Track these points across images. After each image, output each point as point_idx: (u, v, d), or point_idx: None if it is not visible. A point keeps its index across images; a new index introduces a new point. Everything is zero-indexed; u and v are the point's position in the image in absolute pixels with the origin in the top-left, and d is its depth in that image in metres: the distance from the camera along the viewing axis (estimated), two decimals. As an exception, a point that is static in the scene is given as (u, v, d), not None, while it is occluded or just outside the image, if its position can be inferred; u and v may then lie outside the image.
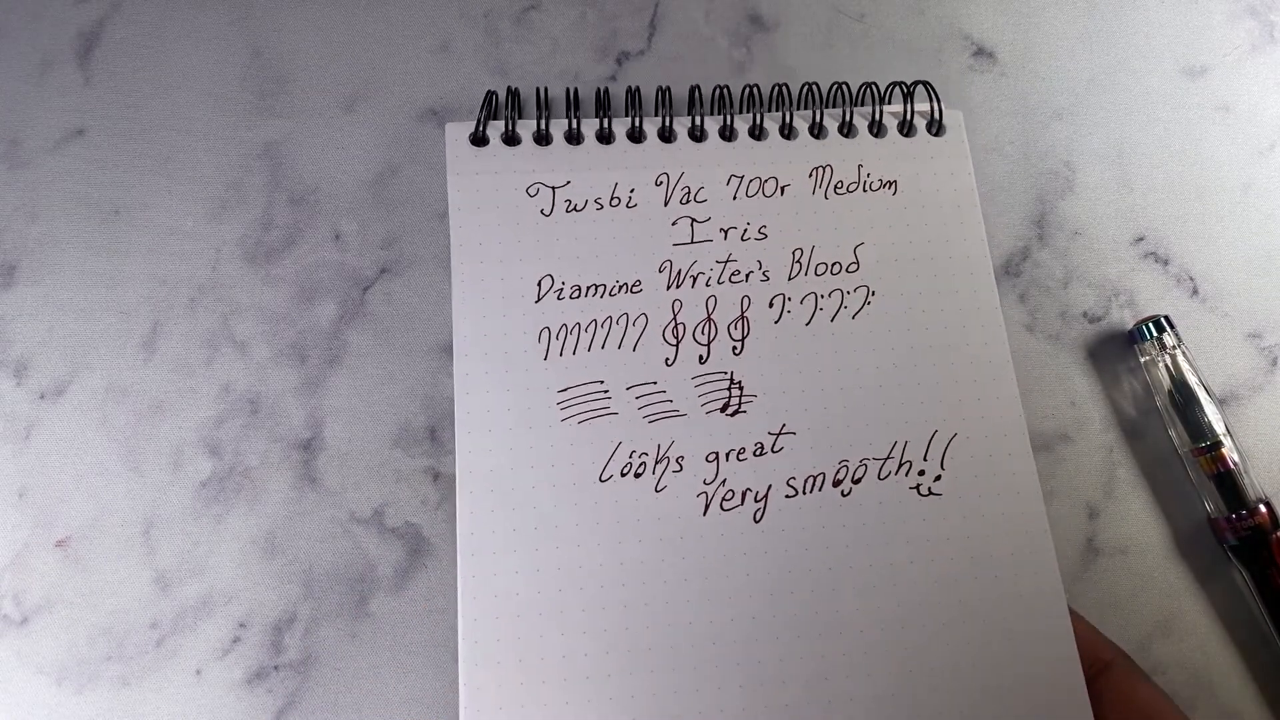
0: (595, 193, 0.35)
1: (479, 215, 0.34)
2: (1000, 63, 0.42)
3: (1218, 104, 0.42)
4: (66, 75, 0.39)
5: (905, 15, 0.42)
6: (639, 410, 0.33)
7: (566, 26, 0.40)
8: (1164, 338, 0.36)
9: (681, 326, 0.33)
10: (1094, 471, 0.36)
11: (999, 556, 0.32)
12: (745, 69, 0.40)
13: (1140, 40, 0.42)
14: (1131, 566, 0.35)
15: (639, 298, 0.34)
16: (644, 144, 0.36)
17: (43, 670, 0.32)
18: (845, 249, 0.35)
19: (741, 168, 0.36)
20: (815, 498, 0.32)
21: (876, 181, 0.36)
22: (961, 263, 0.35)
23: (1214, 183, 0.40)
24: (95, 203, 0.37)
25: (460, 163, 0.35)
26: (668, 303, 0.34)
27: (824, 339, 0.34)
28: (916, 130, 0.37)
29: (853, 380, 0.33)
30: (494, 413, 0.32)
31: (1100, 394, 0.37)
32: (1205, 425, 0.35)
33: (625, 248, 0.34)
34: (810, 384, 0.33)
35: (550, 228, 0.34)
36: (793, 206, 0.35)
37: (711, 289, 0.34)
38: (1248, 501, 0.34)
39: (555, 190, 0.34)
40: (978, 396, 0.34)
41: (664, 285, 0.34)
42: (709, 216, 0.35)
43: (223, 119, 0.38)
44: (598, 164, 0.35)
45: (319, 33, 0.40)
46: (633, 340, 0.33)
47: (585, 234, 0.34)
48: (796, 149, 0.36)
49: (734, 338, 0.34)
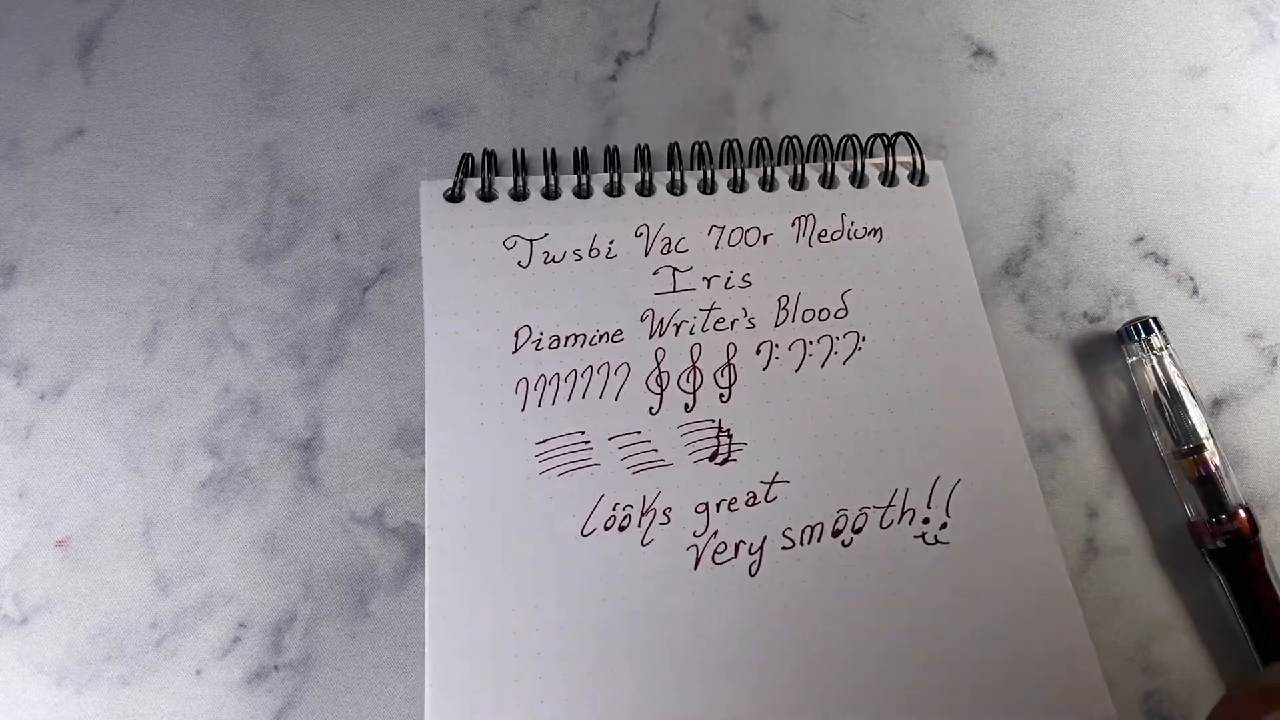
0: (574, 244, 0.34)
1: (453, 268, 0.33)
2: (1000, 63, 0.42)
3: (1218, 104, 0.42)
4: (67, 75, 0.39)
5: (905, 15, 0.42)
6: (622, 461, 0.31)
7: (566, 26, 0.40)
8: (1151, 339, 0.36)
9: (665, 375, 0.33)
10: (1094, 471, 0.36)
11: (1018, 608, 0.30)
12: (745, 69, 0.40)
13: (1140, 40, 0.42)
14: (1131, 566, 0.35)
15: (620, 346, 0.33)
16: (622, 198, 0.35)
17: (43, 670, 0.32)
18: (832, 295, 0.34)
19: (722, 218, 0.35)
20: (814, 549, 0.30)
21: (861, 229, 0.36)
22: (954, 307, 0.35)
23: (1214, 182, 0.40)
24: (95, 203, 0.37)
25: (435, 217, 0.34)
26: (650, 351, 0.33)
27: (815, 385, 0.33)
28: (899, 180, 0.37)
29: (847, 426, 0.32)
30: (468, 466, 0.31)
31: (1100, 393, 0.37)
32: (1189, 428, 0.35)
33: (605, 297, 0.33)
34: (803, 431, 0.32)
35: (528, 279, 0.33)
36: (776, 255, 0.35)
37: (696, 337, 0.33)
38: (1228, 506, 0.34)
39: (533, 242, 0.34)
40: (979, 441, 0.33)
41: (646, 334, 0.33)
42: (691, 266, 0.34)
43: (223, 119, 0.38)
44: (576, 217, 0.34)
45: (319, 33, 0.40)
46: (615, 389, 0.32)
47: (564, 284, 0.33)
48: (778, 200, 0.36)
49: (721, 385, 0.33)
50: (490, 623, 0.28)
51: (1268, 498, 0.36)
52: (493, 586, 0.29)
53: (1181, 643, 0.35)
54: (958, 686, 0.29)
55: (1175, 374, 0.36)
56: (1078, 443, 0.37)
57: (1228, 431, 0.37)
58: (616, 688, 0.28)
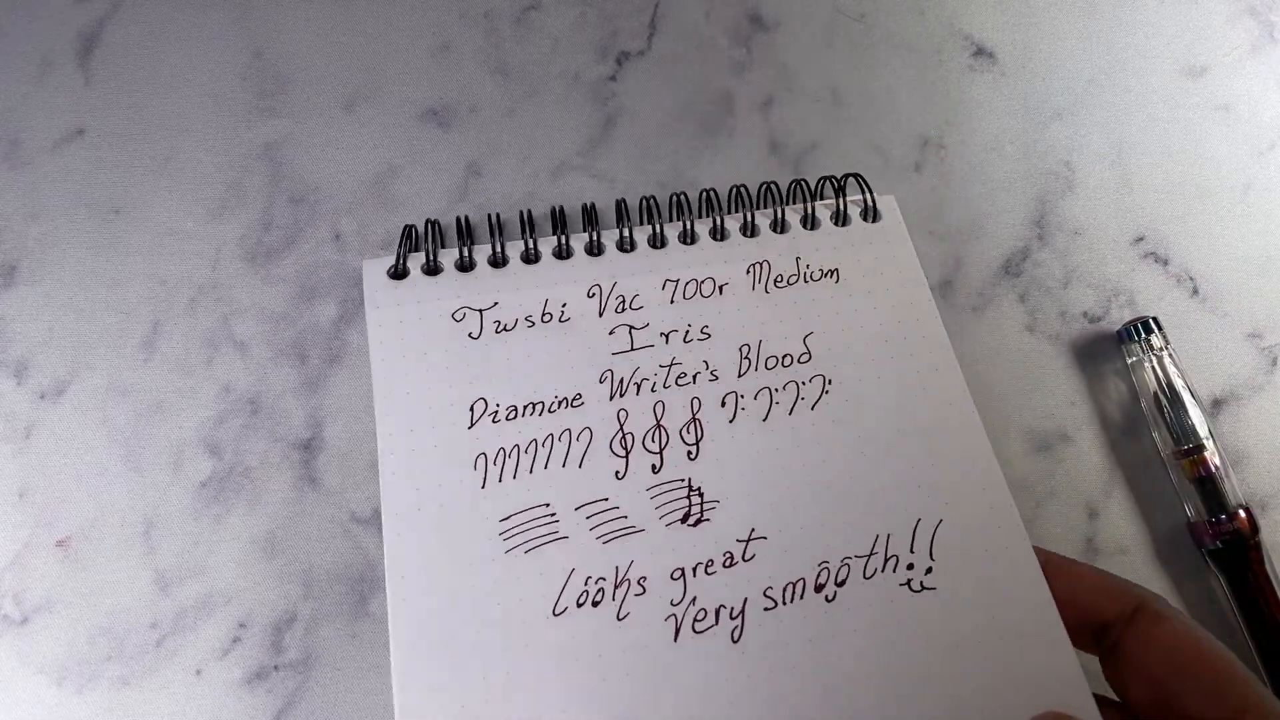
0: (525, 310, 0.33)
1: (402, 348, 0.32)
2: (1000, 63, 0.42)
3: (1218, 104, 0.42)
4: (67, 75, 0.39)
5: (905, 15, 0.42)
6: (591, 531, 0.30)
7: (566, 26, 0.40)
8: (1151, 339, 0.36)
9: (630, 436, 0.31)
10: (1094, 471, 0.36)
11: (1009, 649, 0.28)
12: (745, 69, 0.40)
13: (1140, 40, 0.42)
14: (1131, 566, 0.35)
15: (581, 411, 0.31)
16: (572, 259, 0.34)
17: (43, 670, 0.32)
18: (794, 340, 0.33)
19: (676, 271, 0.34)
20: (798, 607, 0.29)
21: (817, 272, 0.34)
22: (918, 343, 0.33)
23: (1214, 182, 0.40)
24: (95, 203, 0.37)
25: (380, 297, 0.32)
26: (613, 413, 0.31)
27: (784, 433, 0.32)
28: (851, 219, 0.36)
29: (821, 474, 0.31)
30: (428, 553, 0.29)
31: (1100, 393, 0.37)
32: (1189, 428, 0.35)
33: (562, 362, 0.32)
34: (776, 482, 0.31)
35: (480, 350, 0.32)
36: (734, 304, 0.34)
37: (658, 394, 0.32)
38: (1228, 506, 0.34)
39: (482, 313, 0.33)
40: (957, 478, 0.31)
41: (607, 395, 0.32)
42: (647, 322, 0.33)
43: (223, 119, 0.38)
44: (525, 283, 0.33)
45: (319, 33, 0.40)
46: (578, 456, 0.31)
47: (518, 353, 0.32)
48: (730, 249, 0.35)
49: (688, 442, 0.31)
50: (464, 718, 0.27)
51: (1268, 498, 0.36)
52: (463, 680, 0.27)
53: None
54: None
55: (1175, 374, 0.36)
56: (1078, 443, 0.37)
57: (1228, 431, 0.37)
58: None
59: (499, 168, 0.38)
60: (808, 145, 0.40)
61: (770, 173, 0.39)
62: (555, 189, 0.38)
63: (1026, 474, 0.36)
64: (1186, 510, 0.35)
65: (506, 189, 0.38)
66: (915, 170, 0.40)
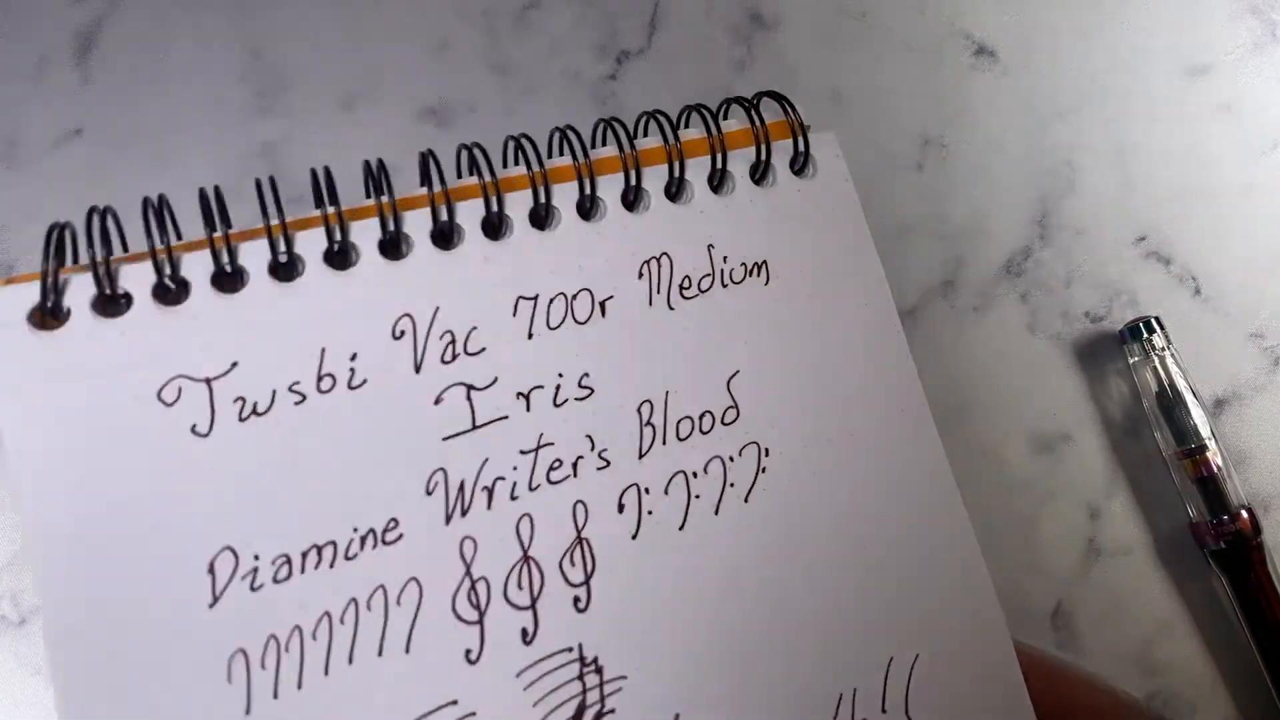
0: (288, 376, 0.19)
1: (67, 467, 0.18)
2: (1002, 61, 0.41)
3: (1220, 103, 0.41)
4: (64, 75, 0.38)
5: (906, 13, 0.42)
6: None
7: (566, 25, 0.40)
8: (1153, 339, 0.36)
9: (483, 585, 0.19)
10: (1096, 472, 0.36)
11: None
12: (746, 68, 0.40)
13: (1142, 39, 0.42)
14: (1133, 567, 0.35)
15: (399, 551, 0.19)
16: (355, 268, 0.20)
17: (40, 671, 0.32)
18: (715, 387, 0.22)
19: (530, 281, 0.21)
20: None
21: (738, 268, 0.23)
22: (880, 389, 0.23)
23: (1216, 182, 0.40)
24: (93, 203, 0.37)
25: (17, 364, 0.18)
26: (451, 548, 0.19)
27: (712, 548, 0.21)
28: (775, 175, 0.24)
29: (763, 607, 0.21)
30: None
31: (1102, 394, 0.37)
32: (1190, 428, 0.35)
33: (359, 464, 0.19)
34: (703, 632, 0.20)
35: (214, 459, 0.18)
36: (623, 332, 0.22)
37: (521, 503, 0.20)
38: (1230, 507, 0.34)
39: (211, 385, 0.19)
40: (941, 595, 0.22)
41: (440, 517, 0.19)
42: (494, 377, 0.20)
43: (221, 119, 0.38)
44: (282, 321, 0.19)
45: (317, 33, 0.39)
46: (400, 634, 0.19)
47: (280, 457, 0.19)
48: (608, 233, 0.22)
49: (573, 582, 0.20)
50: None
51: (1270, 498, 0.36)
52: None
53: (1184, 644, 0.35)
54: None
55: (1177, 374, 0.36)
56: (1079, 443, 0.36)
57: (1230, 432, 0.37)
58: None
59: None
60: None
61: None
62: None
63: (1028, 475, 0.36)
64: (1188, 511, 0.35)
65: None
66: (916, 169, 0.40)
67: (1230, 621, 0.35)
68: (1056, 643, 0.35)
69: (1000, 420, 0.36)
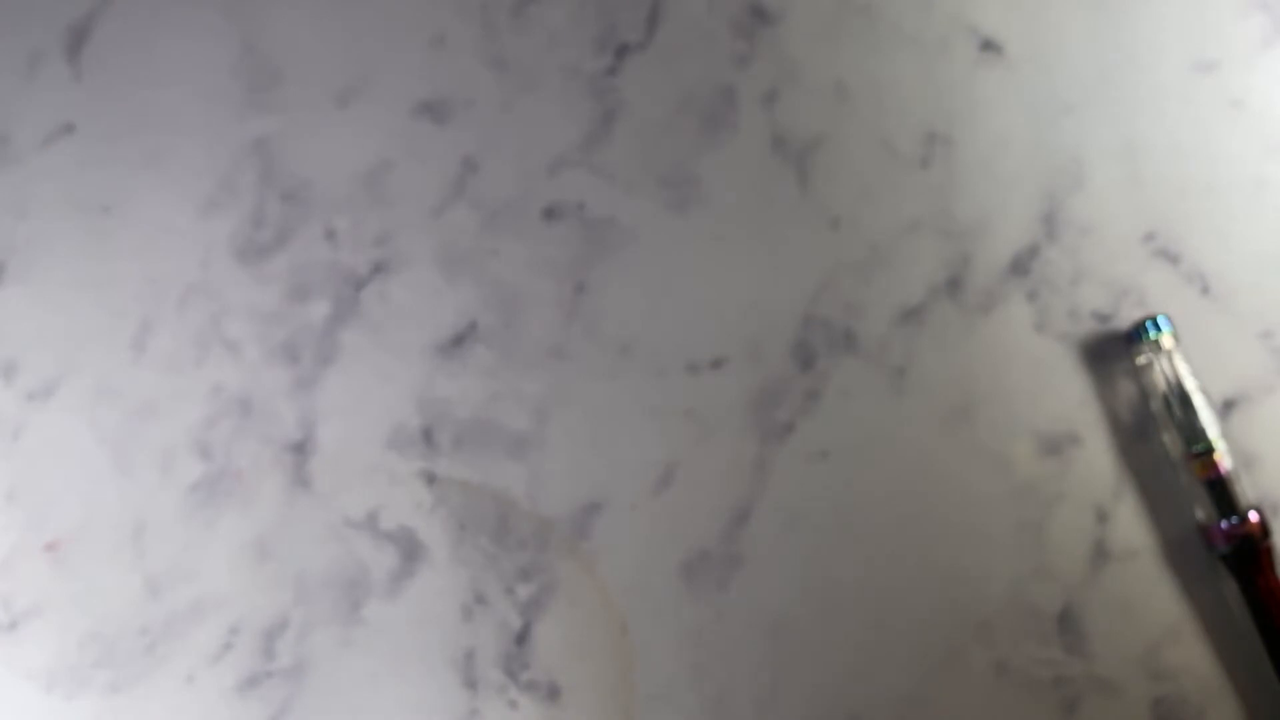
0: None
1: None
2: (1008, 56, 0.41)
3: (1229, 99, 0.41)
4: (56, 70, 0.38)
5: (911, 7, 0.41)
6: None
7: (565, 18, 0.40)
8: (1161, 339, 0.36)
9: None
10: (1104, 474, 0.36)
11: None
12: (748, 62, 0.40)
13: (1150, 34, 0.42)
14: (1142, 569, 0.35)
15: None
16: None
17: (31, 676, 0.32)
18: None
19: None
20: None
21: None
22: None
23: (1225, 179, 0.40)
24: (84, 200, 0.37)
25: None
26: None
27: None
28: None
29: None
30: None
31: (1110, 394, 0.37)
32: (1199, 429, 0.35)
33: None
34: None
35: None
36: None
37: None
38: (1239, 508, 0.34)
39: None
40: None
41: None
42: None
43: (213, 114, 0.38)
44: None
45: (311, 26, 0.39)
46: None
47: None
48: None
49: None
50: None
51: (1268, 502, 0.36)
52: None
53: (1192, 647, 0.34)
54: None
55: (1186, 374, 0.35)
56: (1088, 445, 0.36)
57: (1239, 433, 0.37)
58: None
59: (496, 164, 0.38)
60: (812, 140, 0.39)
61: (773, 170, 0.39)
62: (553, 185, 0.38)
63: (1035, 477, 0.36)
64: (1198, 512, 0.35)
65: (503, 186, 0.38)
66: (922, 166, 0.39)
67: (1240, 625, 0.34)
68: (1063, 646, 0.35)
69: (1006, 422, 0.36)
